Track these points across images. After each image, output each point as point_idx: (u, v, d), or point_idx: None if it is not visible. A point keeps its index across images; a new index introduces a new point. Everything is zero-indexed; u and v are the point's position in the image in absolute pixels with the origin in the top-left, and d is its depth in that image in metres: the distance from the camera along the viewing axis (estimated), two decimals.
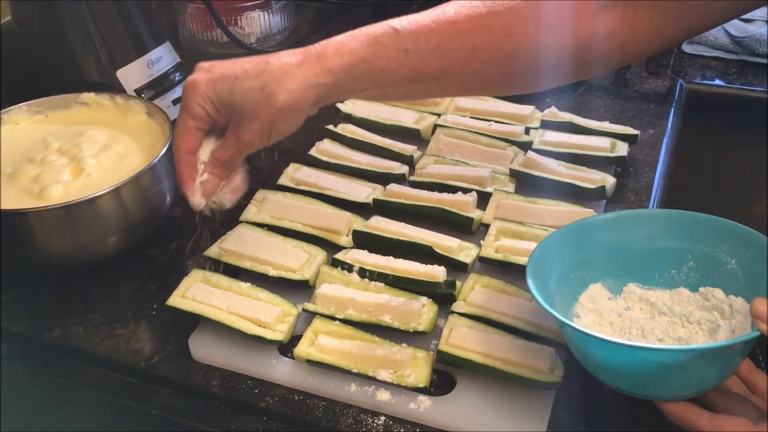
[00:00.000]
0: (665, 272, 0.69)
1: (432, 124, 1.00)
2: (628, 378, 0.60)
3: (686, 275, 0.68)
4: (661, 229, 0.68)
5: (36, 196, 0.77)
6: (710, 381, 0.59)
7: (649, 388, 0.60)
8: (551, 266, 0.66)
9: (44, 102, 0.90)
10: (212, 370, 0.70)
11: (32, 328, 0.77)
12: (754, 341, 0.57)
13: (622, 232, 0.69)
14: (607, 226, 0.69)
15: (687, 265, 0.68)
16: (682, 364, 0.57)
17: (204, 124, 0.70)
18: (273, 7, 1.28)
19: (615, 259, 0.69)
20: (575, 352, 0.63)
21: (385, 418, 0.65)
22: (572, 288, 0.68)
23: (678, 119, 1.08)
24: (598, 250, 0.69)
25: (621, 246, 0.69)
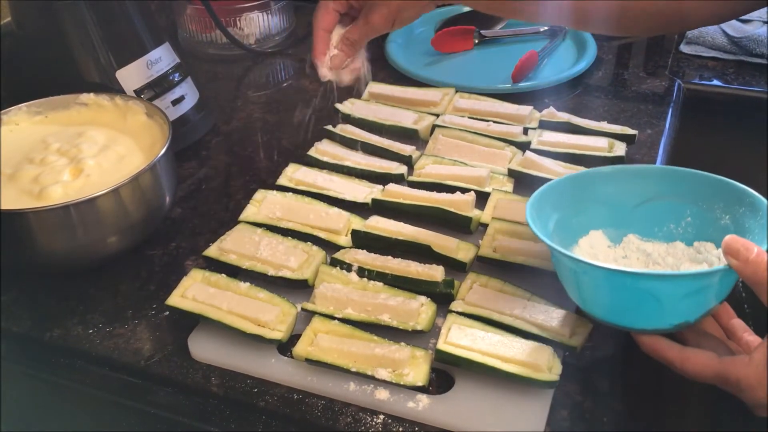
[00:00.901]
0: (664, 226, 0.72)
1: (431, 125, 1.00)
2: (607, 306, 0.64)
3: (684, 230, 0.71)
4: (664, 184, 0.71)
5: (36, 196, 0.77)
6: (683, 315, 0.61)
7: (626, 318, 0.63)
8: (554, 207, 0.70)
9: (44, 103, 0.90)
10: (211, 370, 0.71)
11: (32, 328, 0.77)
12: (730, 285, 0.61)
13: (627, 185, 0.72)
14: (612, 177, 0.73)
15: (685, 220, 0.71)
16: (654, 291, 0.59)
17: (341, 7, 0.84)
18: (272, 8, 1.28)
19: (618, 209, 0.72)
20: (563, 281, 0.67)
21: (383, 416, 0.66)
22: (573, 231, 0.71)
23: (676, 119, 1.08)
24: (602, 200, 0.72)
25: (624, 198, 0.72)
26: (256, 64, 1.28)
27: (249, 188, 0.95)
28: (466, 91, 1.08)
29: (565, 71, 1.14)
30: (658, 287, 0.60)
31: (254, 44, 1.29)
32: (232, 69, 1.26)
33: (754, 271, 0.57)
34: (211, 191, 0.96)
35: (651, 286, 0.60)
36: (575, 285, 0.65)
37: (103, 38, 0.94)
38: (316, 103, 1.13)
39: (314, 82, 1.20)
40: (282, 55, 1.30)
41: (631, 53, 1.24)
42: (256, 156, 1.03)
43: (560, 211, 0.71)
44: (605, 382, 0.68)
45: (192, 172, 1.00)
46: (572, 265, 0.64)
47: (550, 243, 0.63)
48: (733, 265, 0.58)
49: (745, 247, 0.57)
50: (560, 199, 0.71)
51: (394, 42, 1.26)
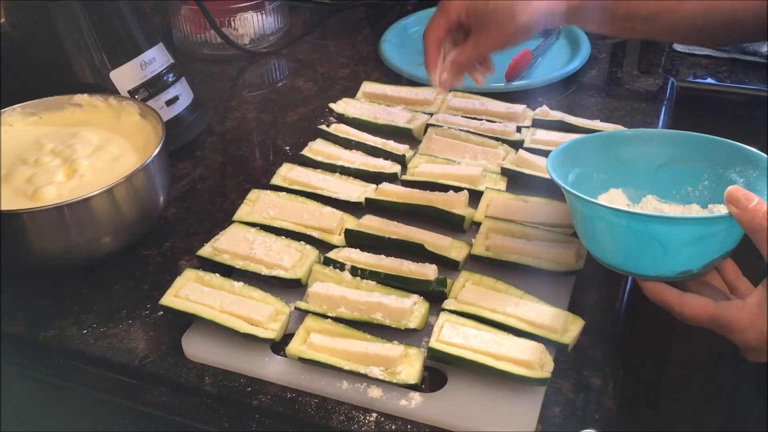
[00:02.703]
0: (682, 189, 0.74)
1: (424, 124, 1.01)
2: (614, 251, 0.67)
3: (700, 193, 0.73)
4: (684, 148, 0.74)
5: (29, 197, 0.78)
6: (686, 263, 0.63)
7: (632, 263, 0.66)
8: (575, 162, 0.73)
9: (38, 103, 0.90)
10: (205, 369, 0.71)
11: (27, 328, 0.77)
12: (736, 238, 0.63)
13: (648, 147, 0.75)
14: (635, 139, 0.76)
15: (702, 183, 0.73)
16: (658, 235, 0.62)
17: (452, 25, 0.84)
18: (266, 8, 1.28)
19: (638, 171, 0.75)
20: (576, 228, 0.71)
21: (376, 414, 0.66)
22: (593, 187, 0.73)
23: (669, 117, 1.08)
24: (623, 160, 0.75)
25: (645, 159, 0.75)
26: (251, 64, 1.28)
27: (243, 188, 0.95)
28: (460, 90, 1.09)
29: (558, 70, 1.14)
30: (663, 231, 0.62)
31: (249, 44, 1.29)
32: (227, 69, 1.26)
33: (751, 218, 0.59)
34: (206, 191, 0.97)
35: (655, 228, 0.62)
36: (586, 228, 0.68)
37: (97, 39, 0.95)
38: (310, 103, 1.14)
39: (308, 82, 1.21)
40: (276, 55, 1.30)
41: (625, 52, 1.24)
42: (251, 156, 1.04)
43: (581, 166, 0.74)
44: (597, 380, 0.68)
45: (186, 172, 1.00)
46: (582, 207, 0.66)
47: (565, 186, 0.66)
48: (732, 212, 0.60)
49: (746, 196, 0.60)
50: (583, 155, 0.74)
51: (388, 41, 1.26)
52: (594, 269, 0.79)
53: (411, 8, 1.40)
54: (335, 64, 1.26)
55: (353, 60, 1.27)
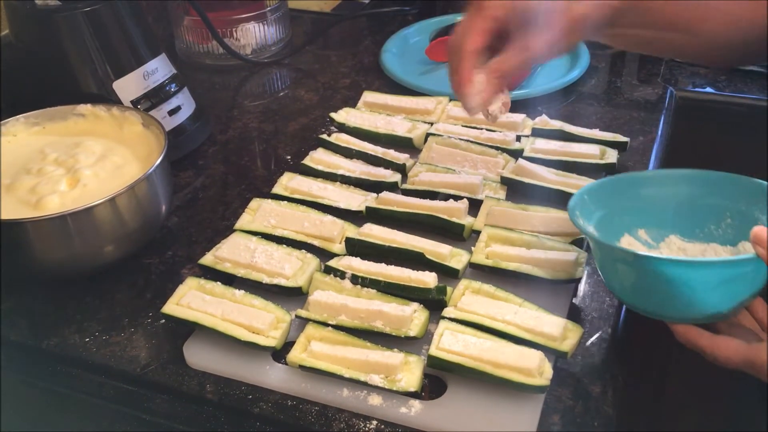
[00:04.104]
0: (705, 227, 0.73)
1: (424, 133, 1.01)
2: (642, 295, 0.65)
3: (724, 231, 0.72)
4: (704, 187, 0.74)
5: (33, 206, 0.78)
6: (716, 305, 0.63)
7: (661, 307, 0.64)
8: (596, 205, 0.73)
9: (41, 114, 0.91)
10: (207, 377, 0.71)
11: (29, 336, 0.78)
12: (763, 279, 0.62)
13: (669, 187, 0.75)
14: (654, 180, 0.76)
15: (725, 221, 0.72)
16: (686, 279, 0.61)
17: (495, 26, 0.71)
18: (268, 19, 1.29)
19: (659, 211, 0.74)
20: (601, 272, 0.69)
21: (377, 422, 0.66)
22: (614, 230, 0.73)
23: (668, 126, 1.09)
24: (644, 201, 0.75)
25: (666, 199, 0.75)
26: (253, 74, 1.29)
27: (245, 197, 0.95)
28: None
29: (558, 79, 1.15)
30: (691, 274, 0.61)
31: (250, 54, 1.30)
32: (229, 79, 1.27)
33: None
34: (208, 200, 0.97)
35: (683, 273, 0.61)
36: (612, 273, 0.67)
37: (100, 50, 0.95)
38: (311, 113, 1.15)
39: (310, 92, 1.22)
40: (278, 65, 1.31)
41: (624, 61, 1.25)
42: (252, 165, 1.04)
43: (603, 209, 0.73)
44: (596, 387, 0.69)
45: (188, 181, 1.01)
46: (609, 254, 0.66)
47: (590, 230, 0.66)
48: (759, 253, 0.59)
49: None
50: (603, 198, 0.73)
51: (389, 51, 1.27)
52: (593, 277, 0.80)
53: (412, 19, 1.40)
54: (336, 74, 1.27)
55: (354, 70, 1.27)
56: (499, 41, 0.72)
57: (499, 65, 0.71)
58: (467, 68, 0.71)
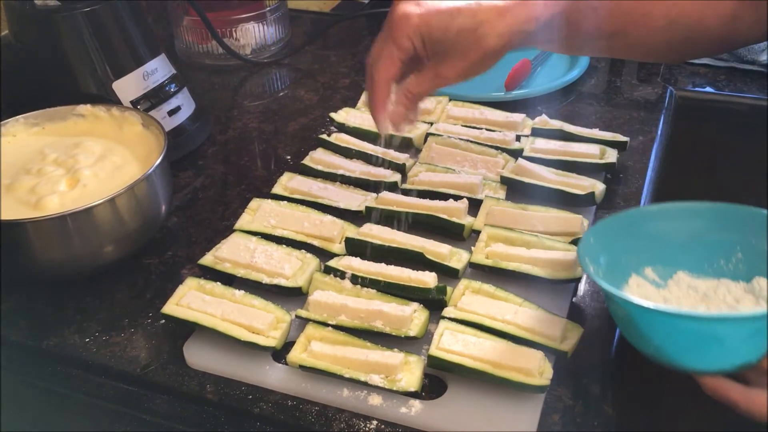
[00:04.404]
0: (714, 262, 0.71)
1: (424, 133, 1.01)
2: (667, 348, 0.61)
3: (734, 266, 0.70)
4: (711, 221, 0.71)
5: (33, 206, 0.78)
6: (745, 356, 0.60)
7: (688, 359, 0.61)
8: (603, 247, 0.69)
9: (41, 114, 0.91)
10: (207, 377, 0.71)
11: (29, 336, 0.78)
12: None
13: (674, 222, 0.72)
14: (659, 216, 0.72)
15: (735, 256, 0.70)
16: (716, 333, 0.58)
17: (407, 56, 0.72)
18: (268, 19, 1.29)
19: (666, 246, 0.71)
20: (621, 326, 0.65)
21: (377, 422, 0.66)
22: (622, 270, 0.70)
23: (668, 126, 1.09)
24: (651, 237, 0.71)
25: (672, 235, 0.71)
26: (252, 74, 1.29)
27: (245, 197, 0.95)
28: (460, 100, 1.09)
29: (557, 79, 1.15)
30: (721, 329, 0.58)
31: (250, 54, 1.30)
32: (229, 79, 1.27)
33: None
34: (207, 200, 0.97)
35: (713, 328, 0.59)
36: (633, 327, 0.63)
37: (99, 50, 0.96)
38: (311, 113, 1.15)
39: (309, 92, 1.22)
40: (278, 65, 1.31)
41: (624, 61, 1.25)
42: (252, 165, 1.04)
43: (609, 250, 0.69)
44: (596, 387, 0.69)
45: (188, 181, 1.01)
46: (631, 309, 0.62)
47: (610, 288, 0.62)
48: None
49: None
50: (608, 238, 0.70)
51: None
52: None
53: None
54: (336, 74, 1.27)
55: (354, 70, 1.27)
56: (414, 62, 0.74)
57: (411, 88, 0.74)
58: (381, 96, 0.74)
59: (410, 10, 0.70)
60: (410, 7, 0.71)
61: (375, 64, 0.73)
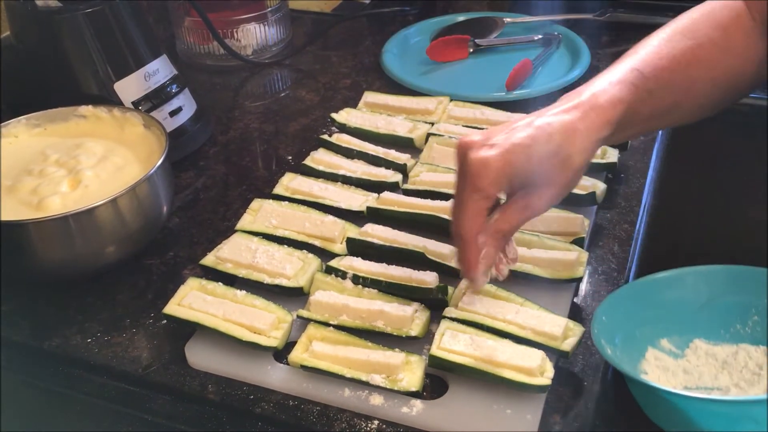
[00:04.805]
0: (730, 327, 0.70)
1: (425, 133, 1.01)
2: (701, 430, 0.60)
3: (752, 329, 0.69)
4: (723, 284, 0.70)
5: (34, 207, 0.78)
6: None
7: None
8: (616, 323, 0.68)
9: (43, 115, 0.91)
10: (208, 377, 0.71)
11: (31, 337, 0.78)
12: None
13: (684, 289, 0.71)
14: (668, 283, 0.71)
15: (752, 318, 0.69)
16: (750, 415, 0.57)
17: (493, 203, 0.67)
18: (269, 20, 1.29)
19: (680, 314, 0.70)
20: (645, 407, 0.63)
21: (378, 422, 0.66)
22: (638, 344, 0.69)
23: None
24: (662, 307, 0.70)
25: (684, 302, 0.70)
26: (254, 74, 1.29)
27: (246, 197, 0.96)
28: (461, 100, 1.10)
29: (559, 79, 1.15)
30: (760, 411, 0.56)
31: (251, 55, 1.30)
32: (230, 80, 1.27)
33: None
34: (209, 201, 0.97)
35: (752, 410, 0.57)
36: (661, 411, 0.62)
37: (101, 51, 0.96)
38: (312, 113, 1.15)
39: (310, 92, 1.22)
40: (279, 66, 1.31)
41: None
42: (253, 165, 1.05)
43: (623, 326, 0.68)
44: (597, 386, 0.69)
45: (190, 182, 1.01)
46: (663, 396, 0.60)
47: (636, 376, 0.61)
48: None
49: None
50: (620, 313, 0.69)
51: (390, 52, 1.27)
52: (594, 277, 0.80)
53: (412, 19, 1.40)
54: (337, 74, 1.27)
55: (355, 70, 1.28)
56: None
57: (500, 226, 0.68)
58: (474, 254, 0.68)
59: (487, 155, 0.65)
60: (484, 151, 0.65)
61: (460, 219, 0.67)
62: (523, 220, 0.68)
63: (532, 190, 0.67)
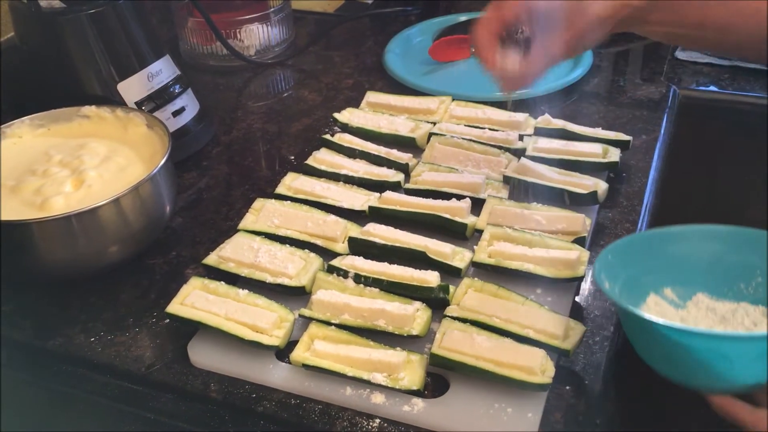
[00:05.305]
0: (734, 285, 0.70)
1: (427, 133, 1.02)
2: (677, 365, 0.62)
3: (755, 290, 0.70)
4: (733, 244, 0.71)
5: (38, 207, 0.79)
6: (755, 376, 0.60)
7: (697, 377, 0.62)
8: (623, 265, 0.69)
9: (46, 115, 0.92)
10: (211, 376, 0.72)
11: (34, 336, 0.78)
12: None
13: (695, 244, 0.72)
14: (680, 237, 0.72)
15: (756, 280, 0.70)
16: (726, 352, 0.59)
17: (507, 25, 0.74)
18: (272, 20, 1.30)
19: (687, 268, 0.71)
20: (633, 341, 0.65)
21: (379, 420, 0.67)
22: (641, 290, 0.70)
23: (671, 125, 1.09)
24: (671, 259, 0.71)
25: (693, 257, 0.71)
26: (256, 75, 1.29)
27: (248, 197, 0.96)
28: (463, 100, 1.10)
29: (561, 78, 1.15)
30: (730, 348, 0.59)
31: (254, 55, 1.30)
32: (233, 80, 1.28)
33: None
34: (211, 201, 0.98)
35: (723, 346, 0.59)
36: (645, 343, 0.64)
37: (104, 52, 0.96)
38: (314, 113, 1.15)
39: (313, 92, 1.22)
40: (282, 66, 1.31)
41: (628, 60, 1.25)
42: (256, 165, 1.05)
43: (628, 268, 0.70)
44: (598, 385, 0.69)
45: (192, 182, 1.01)
46: (641, 324, 0.63)
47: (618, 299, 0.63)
48: None
49: None
50: (628, 257, 0.70)
51: (392, 52, 1.27)
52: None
53: (415, 19, 1.41)
54: (339, 74, 1.27)
55: (357, 70, 1.28)
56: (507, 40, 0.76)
57: (522, 69, 0.74)
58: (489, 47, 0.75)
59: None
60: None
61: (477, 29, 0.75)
62: (543, 65, 0.74)
63: (551, 33, 0.72)
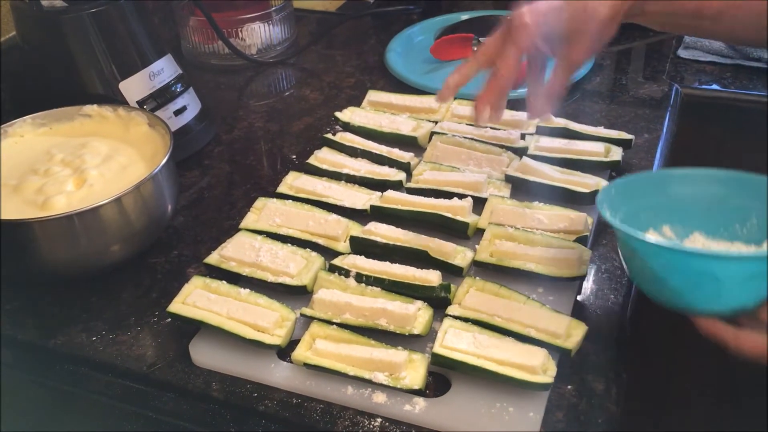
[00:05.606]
0: (730, 226, 0.73)
1: (429, 132, 1.01)
2: (667, 287, 0.64)
3: (749, 231, 0.72)
4: (731, 188, 0.73)
5: (40, 206, 0.79)
6: (742, 299, 0.62)
7: (685, 299, 0.64)
8: (624, 198, 0.73)
9: (48, 115, 0.92)
10: (212, 375, 0.72)
11: (36, 335, 0.78)
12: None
13: (696, 187, 0.75)
14: (682, 179, 0.75)
15: (751, 221, 0.72)
16: (715, 271, 0.61)
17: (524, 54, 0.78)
18: (273, 19, 1.30)
19: (686, 208, 0.74)
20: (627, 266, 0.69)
21: (381, 419, 0.67)
22: (640, 225, 0.72)
23: (673, 124, 1.09)
24: (671, 199, 0.75)
25: (693, 198, 0.75)
26: (258, 73, 1.29)
27: (250, 196, 0.96)
28: (465, 98, 1.10)
29: None
30: (719, 268, 0.61)
31: (256, 54, 1.30)
32: (234, 79, 1.28)
33: None
34: (213, 200, 0.98)
35: (711, 266, 0.61)
36: (637, 265, 0.67)
37: (106, 51, 0.96)
38: (316, 112, 1.15)
39: (315, 91, 1.22)
40: (283, 65, 1.31)
41: (630, 59, 1.25)
42: (258, 165, 1.05)
43: (630, 203, 0.73)
44: (600, 384, 0.69)
45: (194, 181, 1.01)
46: (635, 245, 0.65)
47: (615, 222, 0.65)
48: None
49: None
50: (630, 194, 0.74)
51: (394, 51, 1.27)
52: (597, 275, 0.80)
53: (416, 18, 1.41)
54: (341, 73, 1.27)
55: (359, 69, 1.28)
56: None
57: (552, 86, 0.79)
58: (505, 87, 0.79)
59: (526, 16, 0.76)
60: (525, 12, 0.77)
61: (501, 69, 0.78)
62: (569, 73, 0.79)
63: (568, 45, 0.77)
